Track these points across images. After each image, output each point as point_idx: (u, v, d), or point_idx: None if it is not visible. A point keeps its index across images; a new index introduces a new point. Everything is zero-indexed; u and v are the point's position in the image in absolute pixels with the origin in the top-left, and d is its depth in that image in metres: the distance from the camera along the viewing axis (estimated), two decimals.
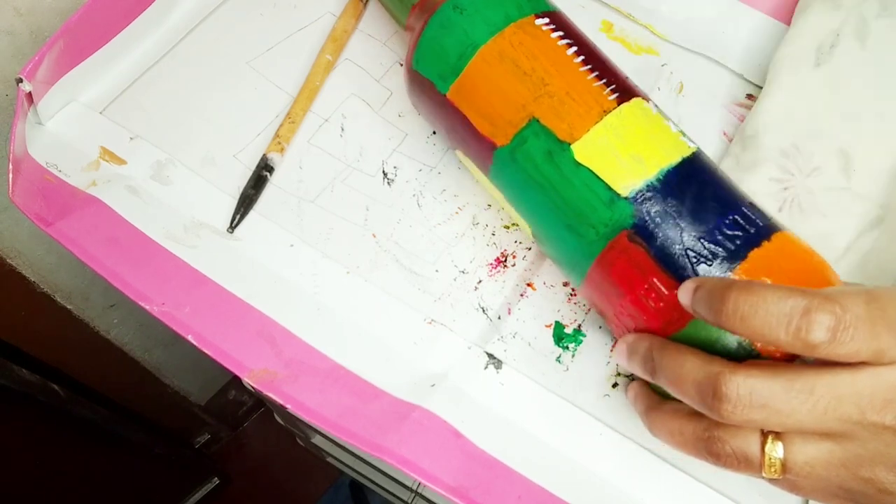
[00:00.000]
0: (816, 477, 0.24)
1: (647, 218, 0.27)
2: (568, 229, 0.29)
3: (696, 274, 0.26)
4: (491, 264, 0.36)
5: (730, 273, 0.26)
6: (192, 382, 0.96)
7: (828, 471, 0.23)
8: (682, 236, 0.27)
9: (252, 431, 1.16)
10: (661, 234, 0.27)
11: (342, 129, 0.39)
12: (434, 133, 0.39)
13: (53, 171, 0.35)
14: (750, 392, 0.22)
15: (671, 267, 0.27)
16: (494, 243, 0.36)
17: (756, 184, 0.37)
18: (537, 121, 0.29)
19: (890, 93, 0.37)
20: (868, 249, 0.35)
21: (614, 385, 0.33)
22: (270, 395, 0.31)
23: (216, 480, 1.05)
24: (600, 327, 0.35)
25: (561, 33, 0.31)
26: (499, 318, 0.34)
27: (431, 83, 0.33)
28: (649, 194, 0.27)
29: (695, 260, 0.26)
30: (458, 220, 0.37)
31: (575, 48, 0.31)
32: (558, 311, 0.35)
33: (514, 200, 0.32)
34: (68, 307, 0.64)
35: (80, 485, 0.79)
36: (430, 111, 0.35)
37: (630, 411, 0.33)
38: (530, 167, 0.30)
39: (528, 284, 0.35)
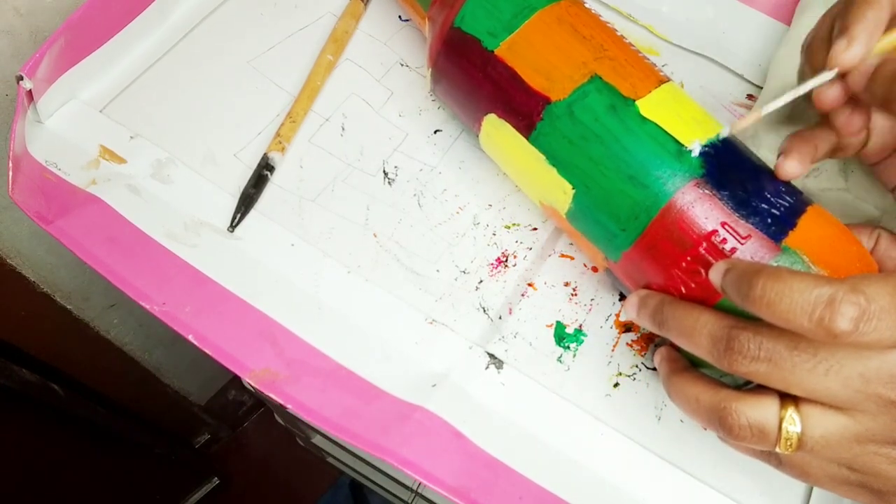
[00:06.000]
0: (828, 456, 0.24)
1: (715, 169, 0.29)
2: (630, 181, 0.29)
3: (767, 222, 0.27)
4: (492, 264, 0.36)
5: (794, 222, 0.28)
6: (192, 382, 0.96)
7: (840, 446, 0.24)
8: (749, 187, 0.28)
9: (252, 431, 1.16)
10: (729, 184, 0.28)
11: (343, 129, 0.39)
12: (435, 132, 0.39)
13: (53, 170, 0.35)
14: (759, 346, 0.24)
15: (742, 213, 0.28)
16: (495, 243, 0.36)
17: None
18: (599, 77, 0.30)
19: None
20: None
21: (616, 385, 0.33)
22: (272, 395, 0.31)
23: (216, 480, 1.05)
24: (601, 327, 0.34)
25: (605, 19, 0.33)
26: (500, 318, 0.34)
27: (477, 40, 0.33)
28: (713, 151, 0.29)
29: (765, 207, 0.28)
30: (458, 220, 0.37)
31: (620, 33, 0.33)
32: (559, 310, 0.35)
33: (561, 160, 0.31)
34: (68, 307, 0.63)
35: (80, 485, 0.79)
36: (465, 73, 0.34)
37: (631, 411, 0.33)
38: (590, 120, 0.30)
39: (529, 284, 0.35)
